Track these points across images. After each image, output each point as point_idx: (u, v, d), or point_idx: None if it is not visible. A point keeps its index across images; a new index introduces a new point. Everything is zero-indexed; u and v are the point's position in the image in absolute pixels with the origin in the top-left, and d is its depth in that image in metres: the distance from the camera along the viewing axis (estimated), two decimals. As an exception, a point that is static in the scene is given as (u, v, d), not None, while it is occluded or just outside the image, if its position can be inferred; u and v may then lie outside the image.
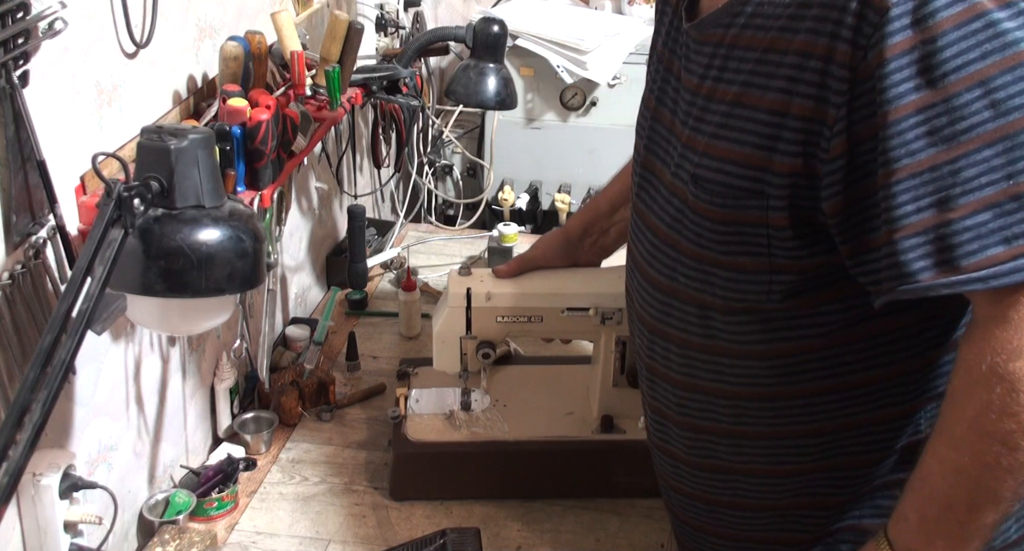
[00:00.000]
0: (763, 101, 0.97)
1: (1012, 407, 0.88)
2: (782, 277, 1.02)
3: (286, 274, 2.01)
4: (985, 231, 0.86)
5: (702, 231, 1.05)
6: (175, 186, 1.05)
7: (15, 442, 0.84)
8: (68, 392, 1.29)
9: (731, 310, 1.07)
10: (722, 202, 1.02)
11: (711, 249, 1.05)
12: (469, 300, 1.53)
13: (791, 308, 1.04)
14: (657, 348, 1.17)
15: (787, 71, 0.94)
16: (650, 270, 1.15)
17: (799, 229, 0.98)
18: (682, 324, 1.12)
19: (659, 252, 1.13)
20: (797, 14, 0.94)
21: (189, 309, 1.14)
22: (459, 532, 1.41)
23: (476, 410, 1.63)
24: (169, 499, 1.50)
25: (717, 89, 1.02)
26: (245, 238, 1.09)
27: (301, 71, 1.66)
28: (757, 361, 1.08)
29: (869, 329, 1.03)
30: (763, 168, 0.97)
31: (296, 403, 1.76)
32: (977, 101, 0.85)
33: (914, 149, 0.87)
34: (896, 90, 0.87)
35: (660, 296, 1.14)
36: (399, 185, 2.80)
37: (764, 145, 0.97)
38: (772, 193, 0.97)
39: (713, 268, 1.06)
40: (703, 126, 1.04)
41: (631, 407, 1.60)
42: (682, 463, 1.20)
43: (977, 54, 0.85)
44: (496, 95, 2.00)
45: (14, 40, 1.08)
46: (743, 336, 1.08)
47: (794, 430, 1.10)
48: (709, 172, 1.02)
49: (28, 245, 1.16)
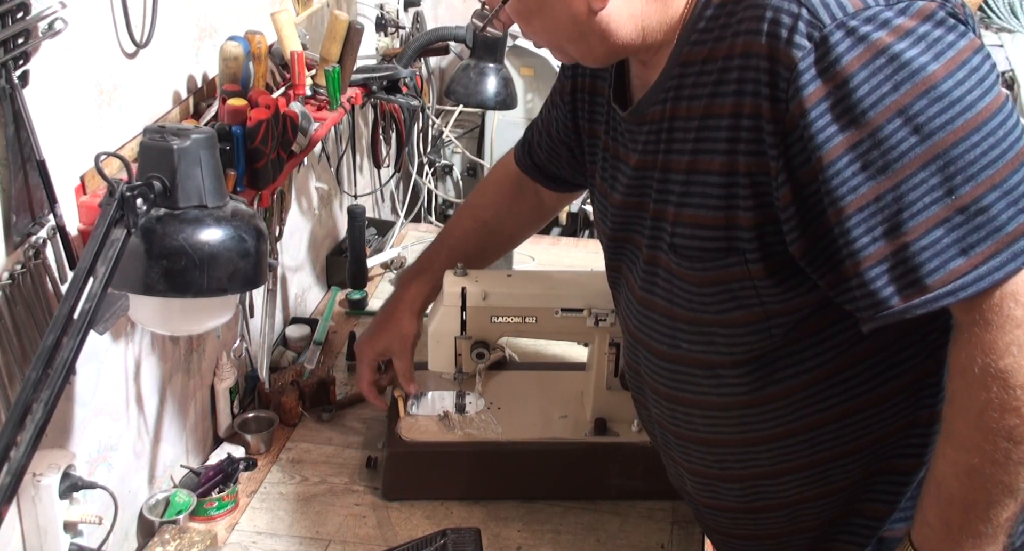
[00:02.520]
0: (713, 164, 1.01)
1: (1011, 402, 0.90)
2: (779, 320, 1.05)
3: (286, 274, 2.01)
4: (941, 247, 0.89)
5: (692, 297, 1.08)
6: (178, 186, 1.05)
7: (16, 443, 0.84)
8: (68, 392, 1.29)
9: (738, 363, 1.09)
10: (702, 266, 1.05)
11: (706, 312, 1.08)
12: (464, 300, 1.53)
13: (796, 346, 1.07)
14: (679, 415, 1.19)
15: (725, 133, 0.99)
16: (652, 343, 1.17)
17: (781, 275, 1.02)
18: (696, 387, 1.14)
19: (656, 324, 1.15)
20: (721, 79, 0.98)
21: (191, 309, 1.14)
22: (459, 532, 1.41)
23: (470, 412, 1.64)
24: (169, 499, 1.50)
25: (671, 161, 1.07)
26: (247, 238, 1.08)
27: (301, 71, 1.66)
28: (779, 402, 1.10)
29: (878, 341, 1.05)
30: (730, 226, 1.01)
31: (296, 403, 1.76)
32: (900, 129, 0.88)
33: (855, 185, 0.91)
34: (823, 134, 0.90)
35: (668, 365, 1.16)
36: (399, 185, 2.80)
37: (724, 205, 1.01)
38: (746, 248, 1.01)
39: (712, 328, 1.08)
40: (667, 196, 1.08)
41: (625, 410, 1.60)
42: (741, 512, 1.22)
43: (889, 87, 0.88)
44: (496, 95, 2.00)
45: (14, 40, 1.08)
46: (756, 384, 1.10)
47: (833, 453, 1.12)
48: (684, 239, 1.06)
49: (28, 245, 1.16)
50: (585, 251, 2.46)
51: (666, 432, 1.23)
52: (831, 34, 0.89)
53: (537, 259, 2.35)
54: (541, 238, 2.56)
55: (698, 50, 1.02)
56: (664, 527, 1.54)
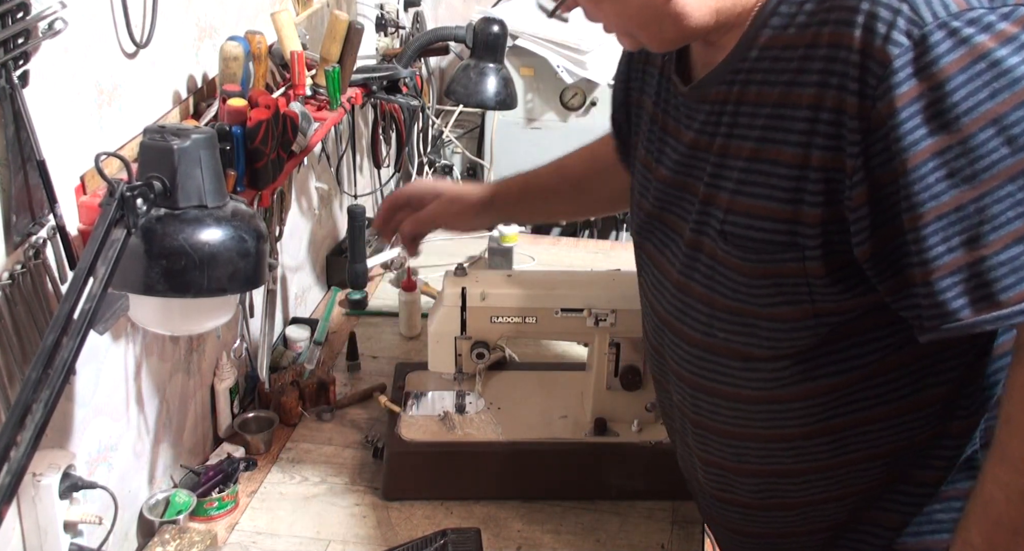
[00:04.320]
0: (782, 155, 0.97)
1: None
2: (827, 319, 1.02)
3: (286, 274, 2.01)
4: (1019, 264, 0.87)
5: (738, 286, 1.04)
6: (178, 186, 1.05)
7: (16, 443, 0.84)
8: (68, 392, 1.29)
9: (776, 357, 1.06)
10: (757, 257, 1.01)
11: (750, 303, 1.04)
12: (464, 300, 1.53)
13: (839, 344, 1.04)
14: (703, 404, 1.16)
15: (801, 124, 0.95)
16: (684, 328, 1.13)
17: (838, 274, 0.98)
18: (726, 378, 1.11)
19: (691, 309, 1.11)
20: (803, 68, 0.94)
21: (191, 309, 1.14)
22: (459, 532, 1.41)
23: (470, 412, 1.64)
24: (169, 499, 1.50)
25: (730, 145, 1.02)
26: (247, 238, 1.08)
27: (301, 71, 1.66)
28: (812, 400, 1.07)
29: (920, 349, 1.02)
30: (793, 221, 0.97)
31: (296, 403, 1.76)
32: (993, 139, 0.86)
33: (937, 192, 0.88)
34: (911, 137, 0.87)
35: (698, 352, 1.13)
36: (399, 185, 2.80)
37: (790, 198, 0.97)
38: (807, 244, 0.97)
39: (754, 320, 1.05)
40: (722, 183, 1.03)
41: (624, 410, 1.60)
42: (752, 508, 1.19)
43: (986, 94, 0.85)
44: (496, 95, 2.00)
45: (14, 40, 1.08)
46: (792, 379, 1.07)
47: (858, 456, 1.10)
48: (738, 229, 1.02)
49: (28, 245, 1.16)
50: (585, 251, 2.46)
51: (686, 420, 1.20)
52: (931, 33, 0.86)
53: (537, 259, 2.35)
54: (541, 238, 2.57)
55: (777, 35, 0.97)
56: (664, 527, 1.54)
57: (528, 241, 2.45)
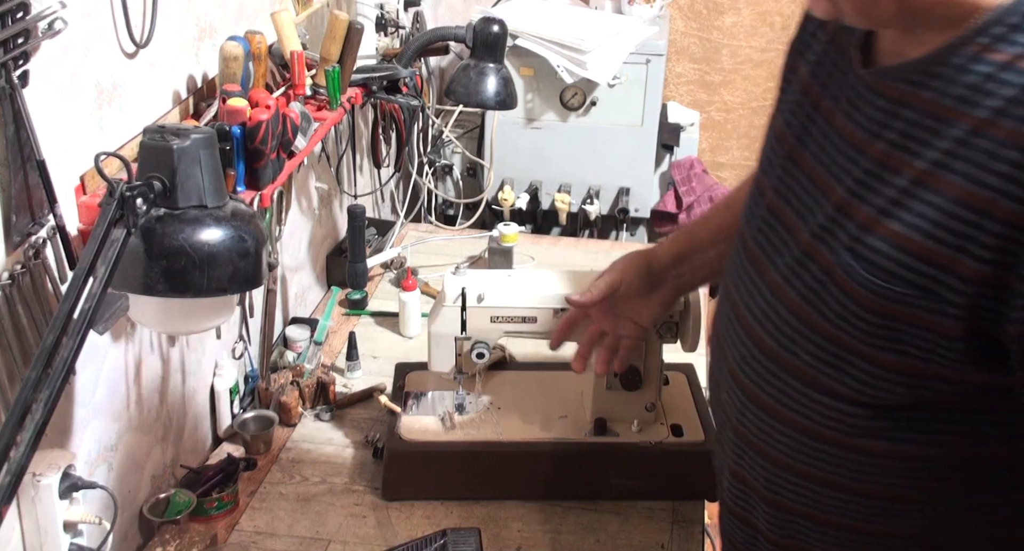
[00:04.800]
0: (959, 191, 0.82)
1: None
2: (933, 384, 0.88)
3: (286, 274, 2.01)
4: None
5: (848, 315, 0.90)
6: (177, 186, 1.05)
7: (16, 442, 0.84)
8: (68, 392, 1.29)
9: (860, 402, 0.93)
10: (884, 292, 0.87)
11: (855, 337, 0.90)
12: (464, 300, 1.53)
13: (934, 414, 0.91)
14: (749, 415, 1.03)
15: (1003, 166, 0.79)
16: (761, 332, 1.00)
17: (973, 342, 0.84)
18: (790, 401, 0.98)
19: (778, 318, 0.98)
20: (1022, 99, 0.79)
21: (191, 309, 1.14)
22: (459, 532, 1.41)
23: (470, 412, 1.64)
24: (169, 499, 1.50)
25: (893, 155, 0.87)
26: (247, 238, 1.09)
27: (301, 71, 1.66)
28: (895, 462, 0.95)
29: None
30: (946, 268, 0.83)
31: (296, 403, 1.76)
32: None
33: None
34: None
35: (768, 364, 0.99)
36: (399, 185, 2.80)
37: (951, 242, 0.82)
38: (950, 298, 0.83)
39: (851, 356, 0.92)
40: (869, 195, 0.89)
41: (624, 410, 1.60)
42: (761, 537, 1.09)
43: None
44: (496, 95, 2.00)
45: (14, 40, 1.08)
46: (874, 432, 0.94)
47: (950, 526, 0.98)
48: (873, 254, 0.87)
49: (28, 245, 1.16)
50: (585, 251, 2.46)
51: (745, 444, 1.06)
52: None
53: (537, 259, 2.35)
54: (541, 238, 2.57)
55: (1000, 49, 0.81)
56: (664, 527, 1.54)
57: (528, 241, 2.45)
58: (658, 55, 2.54)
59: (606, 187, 2.64)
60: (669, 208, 2.64)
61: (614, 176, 2.62)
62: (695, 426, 1.62)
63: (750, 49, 2.93)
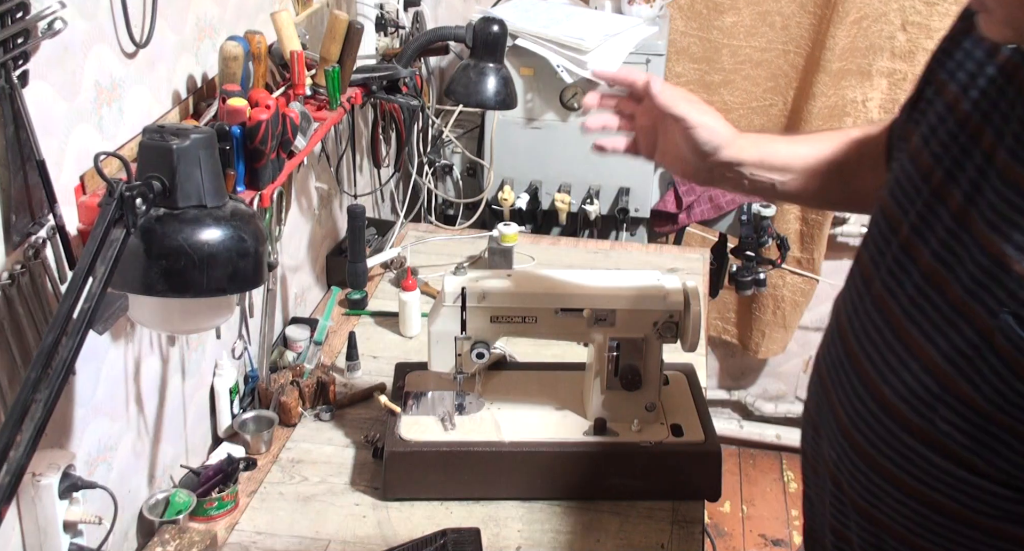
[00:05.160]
0: None
1: None
2: None
3: (286, 274, 2.01)
4: None
5: (1006, 390, 0.78)
6: (177, 186, 1.05)
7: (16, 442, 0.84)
8: (68, 392, 1.29)
9: (1009, 485, 0.82)
10: None
11: (1011, 415, 0.79)
12: (464, 300, 1.53)
13: None
14: (859, 476, 0.92)
15: None
16: (884, 388, 0.88)
17: None
18: (918, 471, 0.87)
19: (912, 378, 0.85)
20: None
21: (190, 309, 1.14)
22: (459, 532, 1.42)
23: (470, 412, 1.64)
24: (169, 499, 1.50)
25: (1011, 164, 0.79)
26: (247, 238, 1.09)
27: (301, 71, 1.66)
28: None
29: None
30: None
31: (296, 403, 1.76)
32: None
33: None
34: None
35: (891, 426, 0.88)
36: (399, 185, 2.80)
37: None
38: None
39: (1006, 435, 0.80)
40: (984, 208, 0.80)
41: (625, 410, 1.60)
42: None
43: None
44: (496, 95, 2.00)
45: (14, 40, 1.08)
46: (1015, 516, 0.83)
47: None
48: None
49: (28, 245, 1.16)
50: (585, 251, 2.46)
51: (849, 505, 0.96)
52: None
53: (537, 259, 2.35)
54: (541, 238, 2.57)
55: None
56: (664, 527, 1.54)
57: (528, 241, 2.45)
58: (658, 55, 2.54)
59: (606, 187, 2.63)
60: (669, 208, 2.64)
61: (614, 176, 2.62)
62: (695, 426, 1.62)
63: (750, 49, 2.93)
